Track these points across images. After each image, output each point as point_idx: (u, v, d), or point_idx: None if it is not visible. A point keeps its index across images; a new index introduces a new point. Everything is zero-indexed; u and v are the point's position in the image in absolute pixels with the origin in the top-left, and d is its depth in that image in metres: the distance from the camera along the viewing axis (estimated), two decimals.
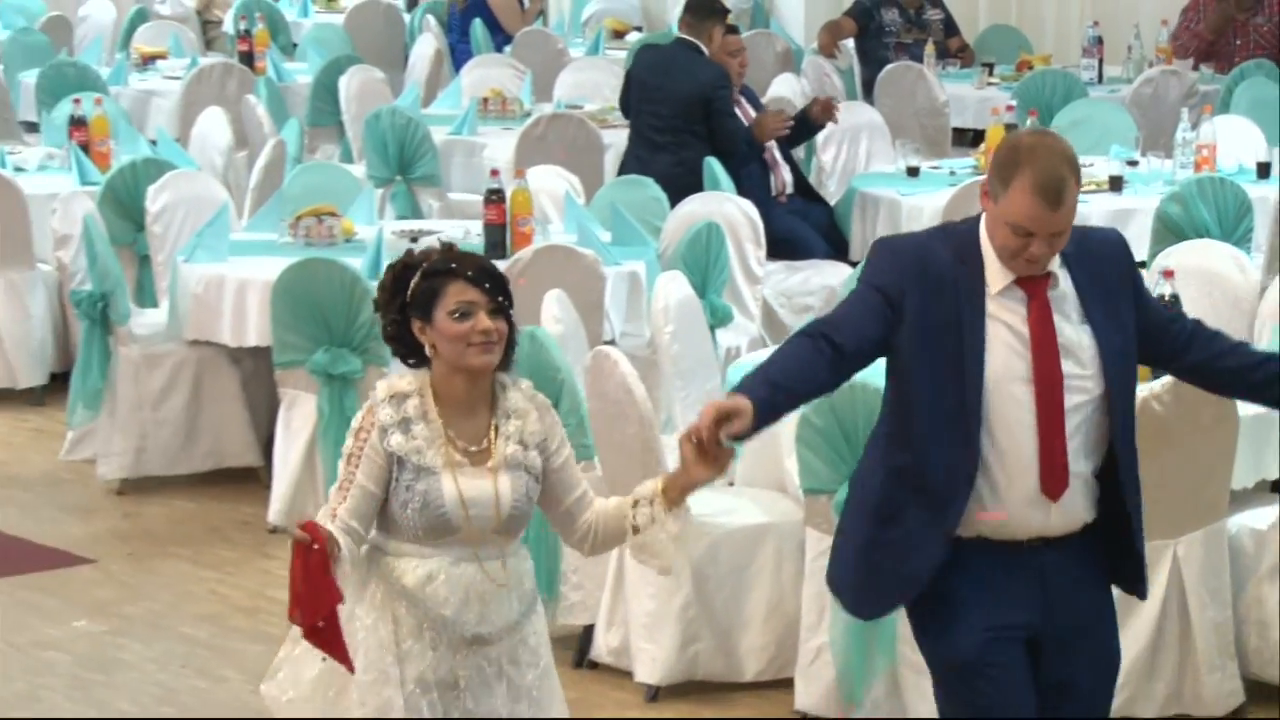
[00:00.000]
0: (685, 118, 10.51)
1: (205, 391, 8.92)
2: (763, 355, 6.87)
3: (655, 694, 6.79)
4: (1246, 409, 6.83)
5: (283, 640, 4.60)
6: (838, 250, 10.36)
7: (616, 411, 6.72)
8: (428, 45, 14.73)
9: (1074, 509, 4.65)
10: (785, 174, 10.57)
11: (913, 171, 10.55)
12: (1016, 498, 4.59)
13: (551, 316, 7.08)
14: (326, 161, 11.61)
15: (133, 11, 16.39)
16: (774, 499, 7.03)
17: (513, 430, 4.53)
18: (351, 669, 4.33)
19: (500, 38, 14.89)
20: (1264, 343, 6.96)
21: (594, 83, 13.14)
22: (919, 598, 4.69)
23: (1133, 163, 10.49)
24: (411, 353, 4.54)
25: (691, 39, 10.83)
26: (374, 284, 8.11)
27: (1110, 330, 4.62)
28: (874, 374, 4.78)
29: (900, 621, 6.48)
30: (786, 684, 6.49)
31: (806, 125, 10.74)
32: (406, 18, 16.27)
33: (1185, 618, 6.58)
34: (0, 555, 8.12)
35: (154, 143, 11.14)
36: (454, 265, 4.47)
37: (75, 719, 6.67)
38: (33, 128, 13.17)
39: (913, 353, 4.57)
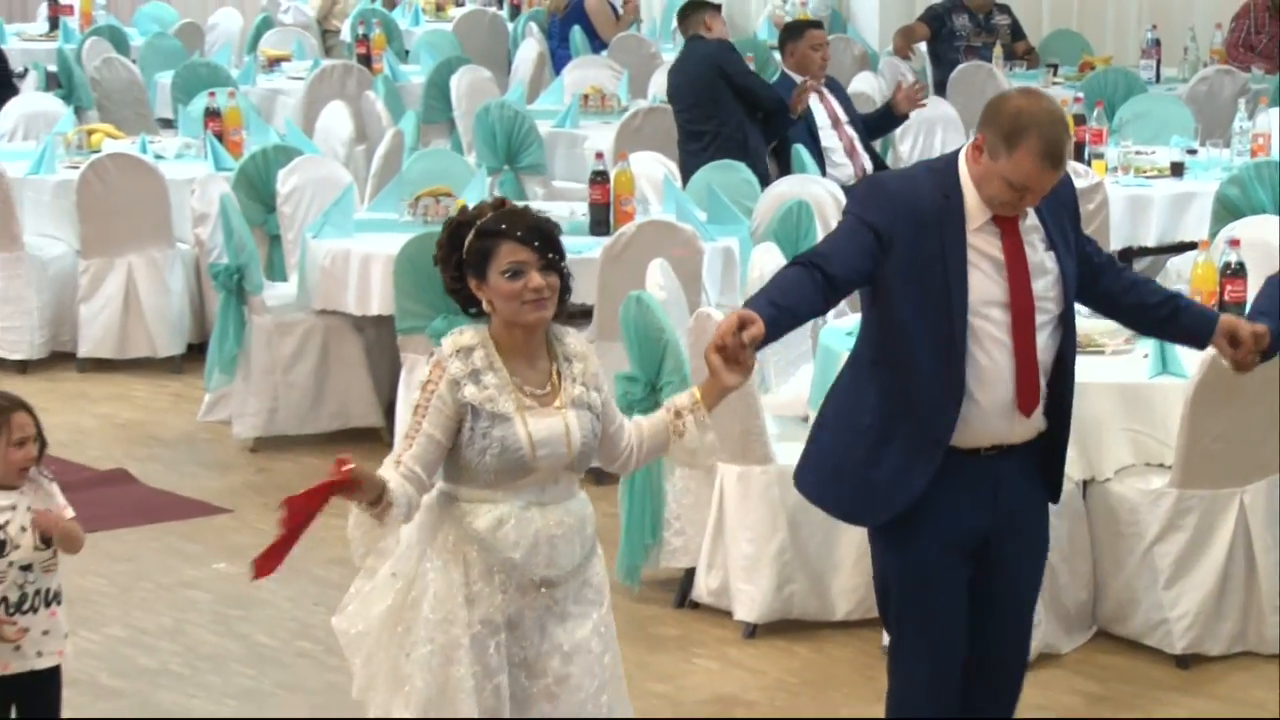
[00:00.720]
0: (707, 101, 10.44)
1: (332, 357, 8.93)
2: (850, 321, 6.87)
3: (753, 631, 6.77)
4: None
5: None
6: None
7: None
8: (531, 49, 14.77)
9: (1035, 420, 4.75)
10: (865, 162, 10.50)
11: None
12: (990, 410, 4.67)
13: (656, 283, 7.03)
14: (444, 147, 11.59)
15: (259, 19, 16.46)
16: None
17: (576, 372, 4.48)
18: (266, 571, 4.35)
19: (596, 43, 14.90)
20: None
21: None
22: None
23: (1192, 151, 10.43)
24: (472, 304, 4.46)
25: (694, 34, 10.86)
26: None
27: (1066, 256, 4.75)
28: None
29: None
30: (874, 623, 6.40)
31: (890, 117, 10.71)
32: (510, 25, 16.24)
33: (1250, 562, 6.53)
34: (146, 506, 8.15)
35: (282, 135, 11.12)
36: (504, 226, 4.36)
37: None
38: (167, 124, 13.21)
39: (899, 283, 4.62)
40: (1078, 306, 4.91)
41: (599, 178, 8.89)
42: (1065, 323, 4.77)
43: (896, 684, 4.94)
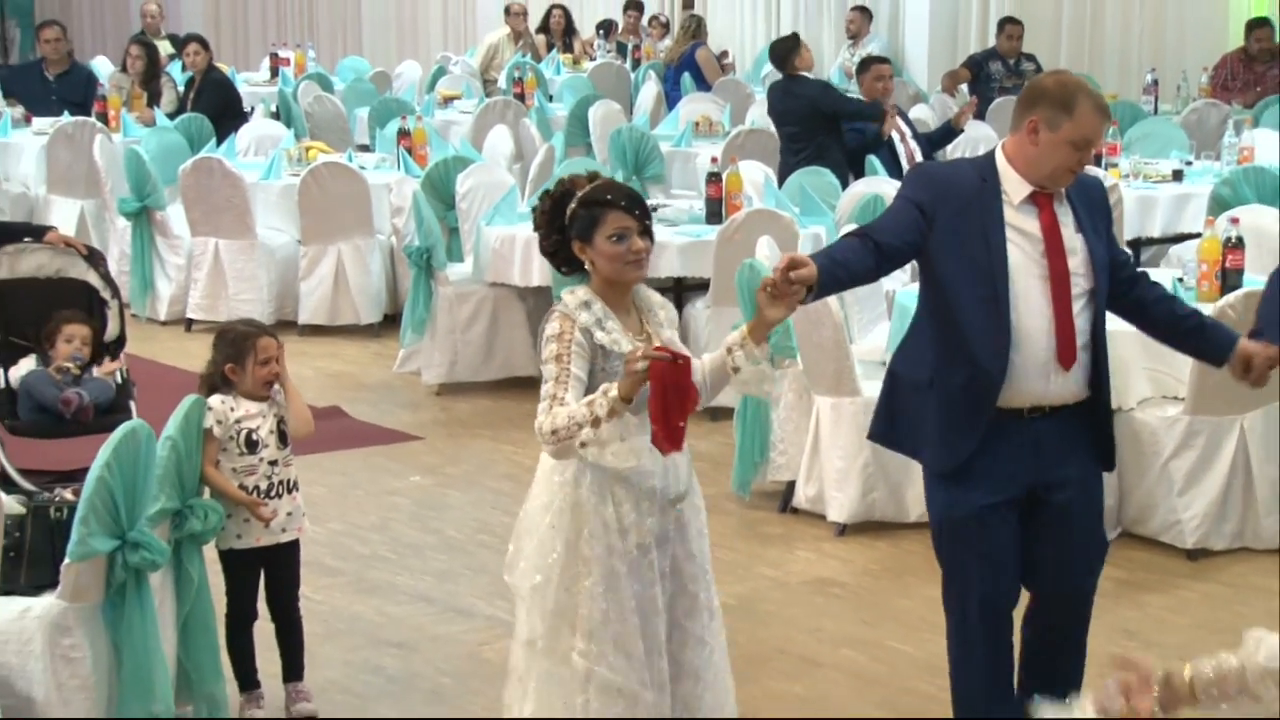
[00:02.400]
0: (809, 127, 10.43)
1: (500, 320, 8.92)
2: (915, 288, 6.80)
3: (843, 530, 6.72)
4: None
5: None
6: None
7: (815, 320, 6.63)
8: (651, 90, 14.81)
9: (1073, 381, 4.39)
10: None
11: None
12: (1028, 368, 4.33)
13: (764, 254, 6.97)
14: (584, 157, 11.60)
15: (435, 68, 16.57)
16: None
17: (661, 319, 4.22)
18: (674, 446, 3.93)
19: (703, 86, 14.84)
20: None
21: None
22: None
23: (1188, 162, 10.39)
24: (567, 264, 4.19)
25: (789, 73, 10.83)
26: None
27: (1096, 240, 4.43)
28: None
29: None
30: None
31: (949, 132, 10.63)
32: (632, 74, 16.23)
33: (1249, 474, 6.47)
34: (356, 434, 8.18)
35: (456, 150, 11.13)
36: (610, 196, 4.11)
37: None
38: (364, 148, 13.25)
39: (945, 255, 4.34)
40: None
41: (714, 178, 8.88)
42: (1096, 299, 4.40)
43: (952, 620, 4.59)
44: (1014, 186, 4.37)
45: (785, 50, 10.97)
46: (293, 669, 5.24)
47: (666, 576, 4.21)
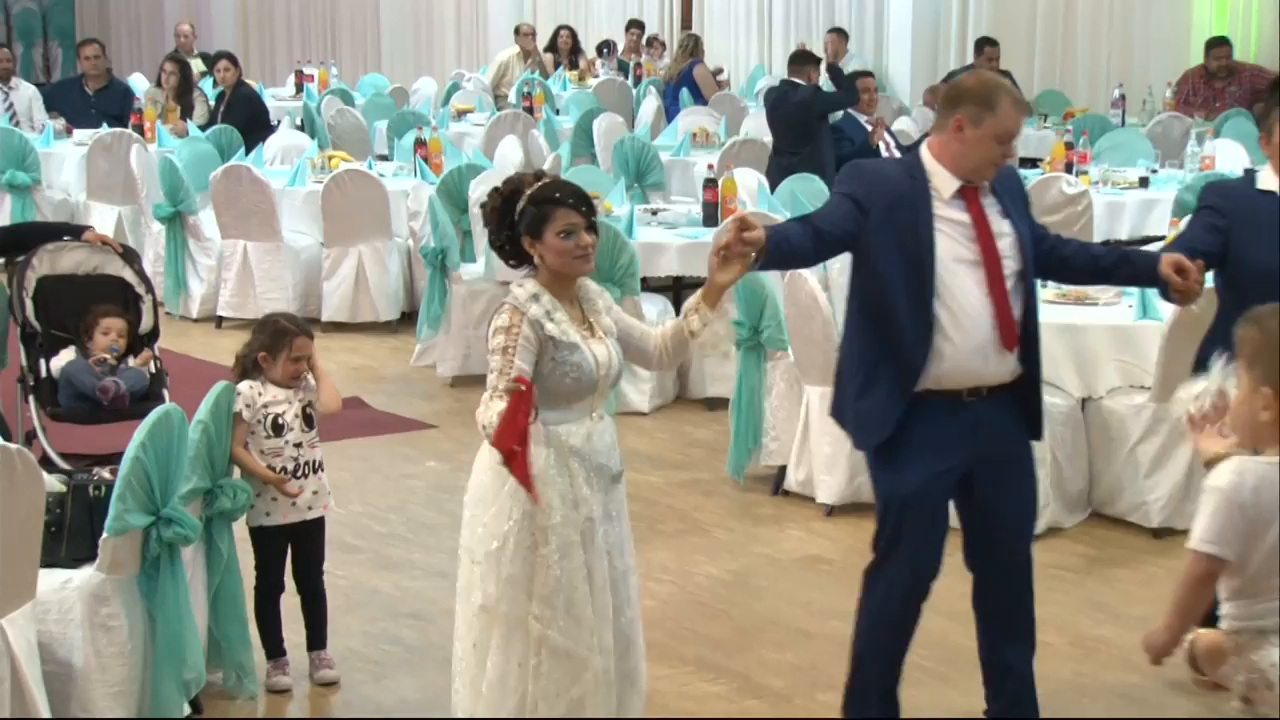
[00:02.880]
0: (801, 131, 10.49)
1: None
2: None
3: (831, 511, 6.70)
4: None
5: None
6: None
7: (806, 314, 6.62)
8: (651, 104, 14.78)
9: (1012, 361, 4.35)
10: None
11: None
12: (967, 350, 4.27)
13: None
14: (589, 166, 11.58)
15: (449, 84, 16.57)
16: None
17: (600, 308, 4.17)
18: (532, 492, 3.85)
19: (700, 100, 14.82)
20: None
21: (764, 126, 12.95)
22: (883, 440, 4.37)
23: (1154, 170, 10.40)
24: (515, 258, 4.13)
25: (793, 79, 11.01)
26: (632, 241, 8.27)
27: (1020, 224, 4.39)
28: None
29: None
30: None
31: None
32: (634, 89, 16.21)
33: None
34: (375, 423, 8.16)
35: (469, 158, 11.12)
36: (558, 194, 4.05)
37: None
38: (382, 158, 13.23)
39: (878, 245, 4.28)
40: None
41: (710, 184, 8.90)
42: (1025, 279, 4.36)
43: (879, 591, 4.51)
44: (943, 182, 4.31)
45: (806, 60, 11.26)
46: (317, 638, 5.24)
47: (611, 554, 4.17)
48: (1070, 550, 6.28)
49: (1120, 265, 4.63)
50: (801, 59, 11.18)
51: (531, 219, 4.04)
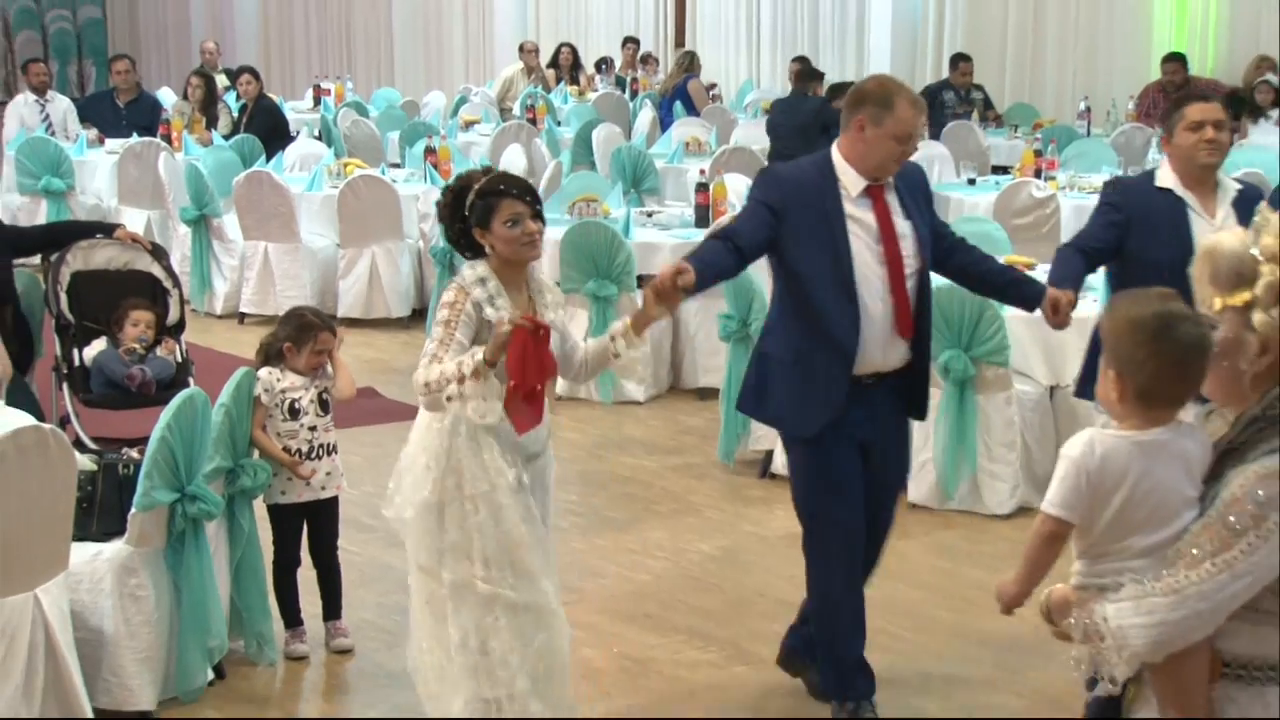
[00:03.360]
0: (804, 135, 10.47)
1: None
2: None
3: None
4: None
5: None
6: None
7: None
8: (647, 116, 14.72)
9: (905, 349, 4.41)
10: None
11: (971, 181, 10.47)
12: (874, 343, 4.33)
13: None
14: (589, 172, 11.55)
15: (457, 98, 16.52)
16: None
17: (549, 300, 4.14)
18: (531, 422, 3.89)
19: (693, 112, 14.80)
20: None
21: (752, 136, 12.99)
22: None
23: (1117, 177, 10.31)
24: (469, 250, 4.10)
25: (800, 90, 11.19)
26: (628, 241, 8.26)
27: (921, 224, 4.41)
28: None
29: (980, 438, 6.39)
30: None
31: None
32: (630, 103, 16.19)
33: None
34: (388, 411, 8.13)
35: (475, 165, 11.11)
36: (504, 186, 4.02)
37: None
38: (395, 166, 13.22)
39: (796, 246, 4.30)
40: None
41: (702, 188, 8.89)
42: (922, 277, 4.41)
43: (818, 559, 4.57)
44: (851, 181, 4.32)
45: (812, 75, 11.55)
46: (332, 609, 5.23)
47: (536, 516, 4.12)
48: (1007, 532, 6.26)
49: (1010, 287, 4.74)
50: (808, 74, 11.32)
51: (480, 211, 4.01)
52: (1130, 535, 2.33)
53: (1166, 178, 4.97)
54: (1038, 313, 4.76)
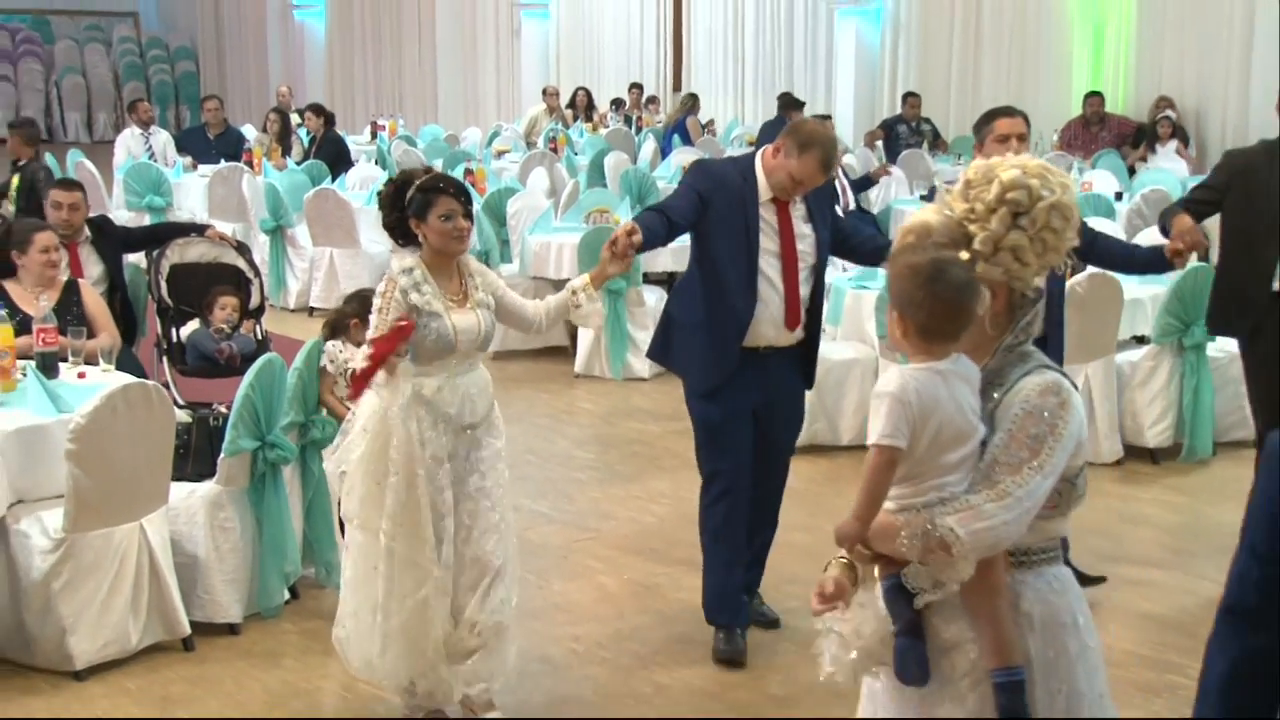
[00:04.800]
0: None
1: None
2: (854, 270, 6.72)
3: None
4: (1130, 292, 6.57)
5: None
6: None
7: None
8: (650, 146, 14.67)
9: (796, 332, 4.42)
10: (850, 198, 10.31)
11: (923, 198, 10.42)
12: (766, 322, 4.33)
13: None
14: (602, 189, 11.51)
15: (491, 132, 16.45)
16: (859, 346, 6.83)
17: (479, 284, 3.91)
18: (358, 388, 3.78)
19: (688, 144, 14.76)
20: None
21: None
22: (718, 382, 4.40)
23: None
24: (404, 238, 3.90)
25: (783, 116, 11.21)
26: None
27: (822, 227, 4.40)
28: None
29: None
30: (865, 447, 6.31)
31: (868, 181, 10.52)
32: (635, 136, 16.14)
33: (1091, 407, 6.37)
34: None
35: (505, 184, 11.08)
36: (442, 185, 3.83)
37: None
38: None
39: (716, 233, 4.29)
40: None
41: None
42: (818, 272, 4.41)
43: (707, 503, 4.56)
44: (763, 188, 4.30)
45: (791, 103, 11.99)
46: None
47: (458, 485, 3.90)
48: None
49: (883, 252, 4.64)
50: (788, 103, 11.22)
51: (418, 204, 3.81)
52: (943, 454, 2.28)
53: None
54: None
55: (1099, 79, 13.97)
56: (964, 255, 2.30)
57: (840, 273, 7.15)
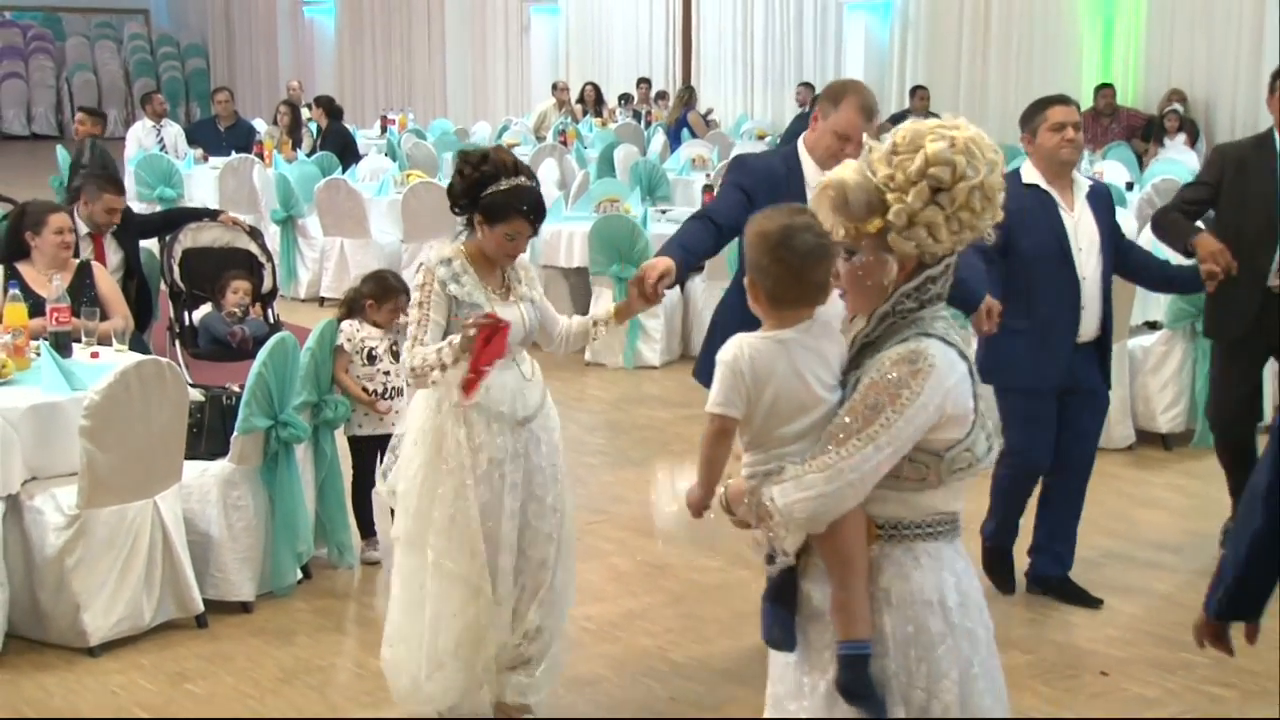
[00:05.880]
0: None
1: (549, 292, 8.51)
2: None
3: None
4: None
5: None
6: None
7: None
8: (659, 139, 14.69)
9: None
10: None
11: None
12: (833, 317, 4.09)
13: None
14: (613, 179, 11.49)
15: (501, 126, 16.47)
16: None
17: (521, 277, 3.74)
18: (469, 395, 3.50)
19: (695, 138, 14.74)
20: None
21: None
22: None
23: None
24: (462, 214, 3.68)
25: (807, 111, 10.90)
26: (646, 231, 8.20)
27: None
28: None
29: None
30: None
31: None
32: (645, 130, 16.13)
33: None
34: None
35: None
36: (524, 206, 3.59)
37: None
38: None
39: None
40: None
41: (709, 189, 8.85)
42: None
43: None
44: (810, 172, 4.03)
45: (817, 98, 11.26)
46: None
47: (519, 486, 3.69)
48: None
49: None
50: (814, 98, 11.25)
51: (495, 209, 3.59)
52: (783, 425, 2.24)
53: (1031, 174, 4.61)
54: None
55: (1109, 72, 13.93)
56: (877, 223, 2.23)
57: None
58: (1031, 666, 4.27)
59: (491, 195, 3.59)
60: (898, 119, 14.03)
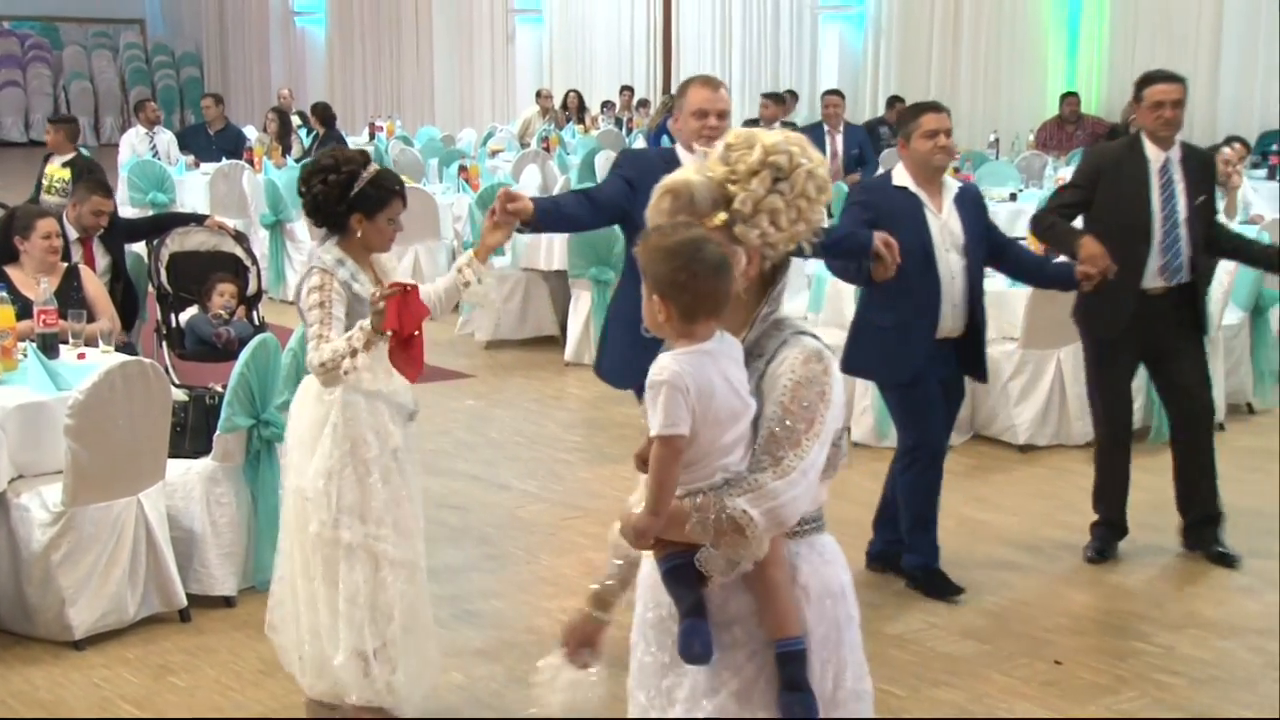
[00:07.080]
0: None
1: (530, 294, 8.82)
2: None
3: None
4: None
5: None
6: None
7: None
8: (639, 146, 14.67)
9: None
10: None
11: None
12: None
13: None
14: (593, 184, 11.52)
15: (486, 133, 16.48)
16: (839, 332, 6.81)
17: (387, 267, 3.65)
18: (417, 368, 3.41)
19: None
20: None
21: None
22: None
23: (1020, 190, 10.36)
24: (331, 224, 3.55)
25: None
26: (622, 235, 8.19)
27: None
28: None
29: None
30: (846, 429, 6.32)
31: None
32: (626, 136, 16.13)
33: (1063, 391, 6.42)
34: (428, 373, 7.90)
35: (499, 181, 11.07)
36: (398, 188, 3.55)
37: None
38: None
39: (642, 220, 4.03)
40: None
41: None
42: None
43: None
44: (687, 162, 3.95)
45: (779, 99, 11.98)
46: None
47: (412, 475, 3.64)
48: (958, 460, 6.20)
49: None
50: (776, 97, 11.32)
51: (371, 201, 3.48)
52: (722, 435, 2.17)
53: (903, 178, 4.64)
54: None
55: (1074, 81, 13.99)
56: (722, 216, 2.21)
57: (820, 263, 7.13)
58: (987, 656, 4.29)
59: (363, 190, 3.49)
60: (873, 126, 14.05)
